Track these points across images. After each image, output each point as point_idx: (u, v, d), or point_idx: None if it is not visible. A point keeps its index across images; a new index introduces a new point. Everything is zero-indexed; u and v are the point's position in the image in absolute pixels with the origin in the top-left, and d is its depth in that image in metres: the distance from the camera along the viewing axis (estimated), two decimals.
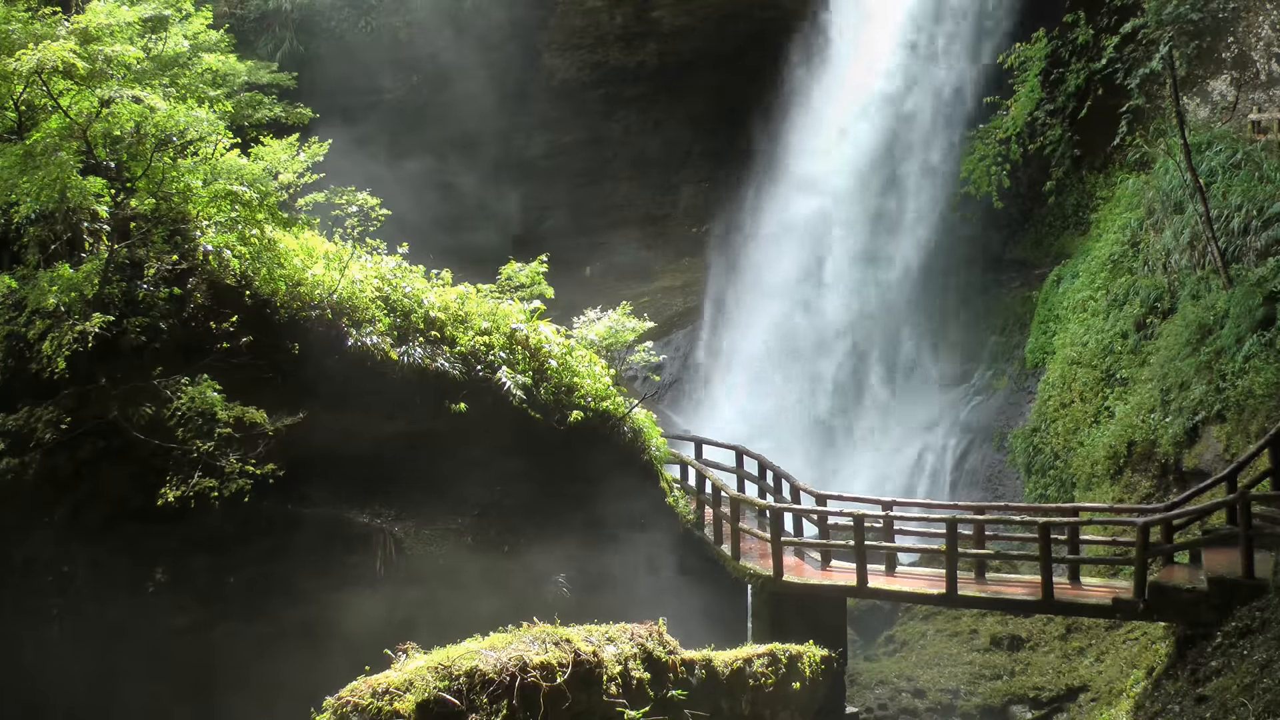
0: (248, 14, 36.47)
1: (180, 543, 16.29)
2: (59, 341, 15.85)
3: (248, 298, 17.35)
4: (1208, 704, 13.88)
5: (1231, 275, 22.55)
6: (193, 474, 15.81)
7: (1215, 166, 25.08)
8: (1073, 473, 25.37)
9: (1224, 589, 15.74)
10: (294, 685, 13.70)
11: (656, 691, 12.57)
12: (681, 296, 38.98)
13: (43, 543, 16.06)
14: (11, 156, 16.24)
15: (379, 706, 9.76)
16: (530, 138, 38.91)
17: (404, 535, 17.72)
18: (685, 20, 37.75)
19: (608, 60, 38.66)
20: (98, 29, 16.85)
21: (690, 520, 21.90)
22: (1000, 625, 23.46)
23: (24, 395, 16.34)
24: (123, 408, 16.11)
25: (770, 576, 19.75)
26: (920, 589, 19.46)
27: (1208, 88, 27.87)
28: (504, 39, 37.93)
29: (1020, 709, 21.58)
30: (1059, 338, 28.47)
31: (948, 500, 26.61)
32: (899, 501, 22.01)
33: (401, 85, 38.08)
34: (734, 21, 37.07)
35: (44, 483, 16.06)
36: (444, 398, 18.32)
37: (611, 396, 20.58)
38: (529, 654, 10.91)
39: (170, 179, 17.00)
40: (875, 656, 24.07)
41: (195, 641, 16.27)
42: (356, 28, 37.49)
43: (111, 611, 16.07)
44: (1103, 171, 30.49)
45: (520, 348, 19.70)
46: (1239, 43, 26.73)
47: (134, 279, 16.85)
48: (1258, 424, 19.47)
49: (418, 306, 18.94)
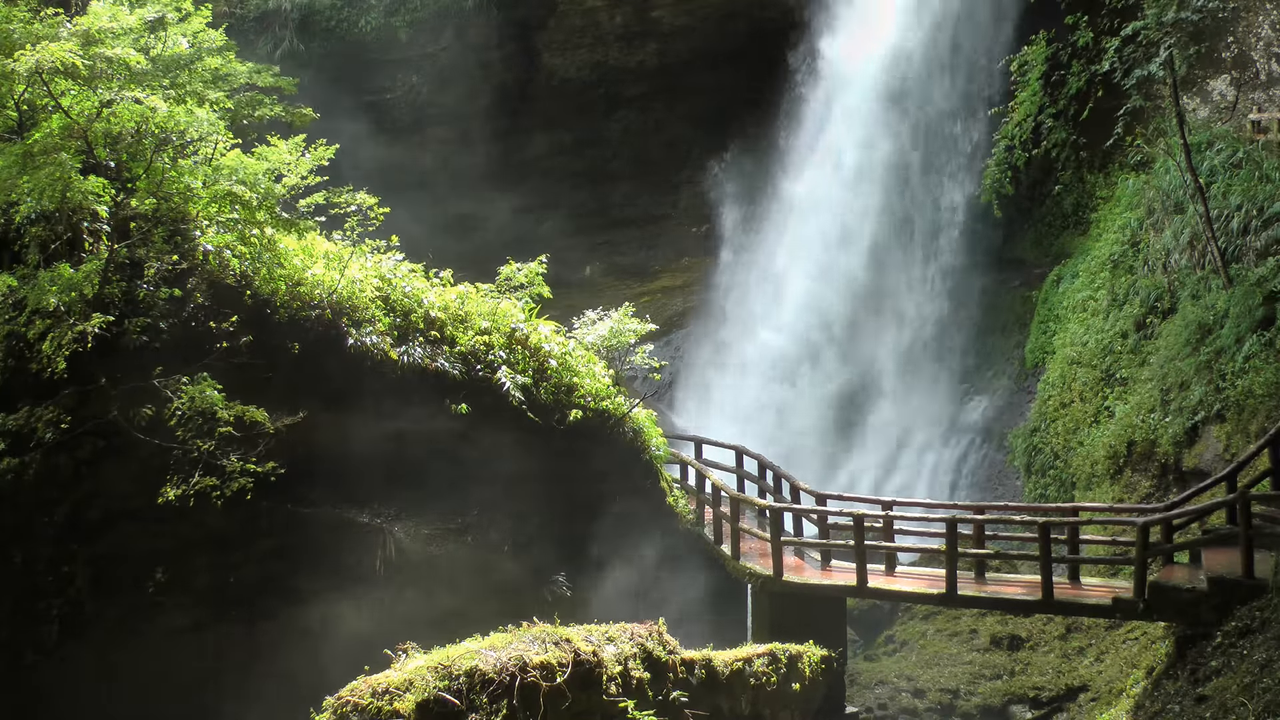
0: (248, 14, 36.48)
1: (180, 543, 16.29)
2: (59, 341, 15.86)
3: (248, 297, 17.35)
4: (1208, 704, 13.88)
5: (1231, 275, 22.55)
6: (193, 474, 15.82)
7: (1215, 166, 25.09)
8: (1072, 472, 25.38)
9: (1224, 589, 15.74)
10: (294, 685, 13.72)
11: (656, 691, 12.58)
12: (681, 296, 38.97)
13: (43, 543, 16.07)
14: (12, 156, 16.25)
15: (379, 706, 9.76)
16: (530, 138, 38.89)
17: (404, 535, 17.72)
18: (685, 20, 37.74)
19: (608, 60, 38.64)
20: (99, 32, 16.85)
21: (690, 520, 21.90)
22: (1000, 625, 23.46)
23: (24, 395, 16.34)
24: (123, 408, 16.11)
25: (770, 576, 19.76)
26: (920, 589, 19.46)
27: (1208, 88, 27.87)
28: (504, 39, 37.93)
29: (1020, 709, 21.58)
30: (1059, 337, 28.47)
31: (948, 500, 26.61)
32: (899, 501, 22.02)
33: (401, 85, 38.08)
34: (734, 21, 37.06)
35: (44, 483, 16.06)
36: (444, 397, 18.33)
37: (611, 396, 20.58)
38: (529, 654, 10.92)
39: (170, 179, 17.00)
40: (875, 656, 24.07)
41: (195, 641, 16.29)
42: (356, 28, 37.49)
43: (111, 611, 16.08)
44: (1103, 171, 30.49)
45: (520, 347, 19.71)
46: (1239, 43, 26.72)
47: (134, 279, 16.87)
48: (1258, 424, 19.47)
49: (417, 306, 18.94)
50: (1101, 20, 27.83)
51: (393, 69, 37.77)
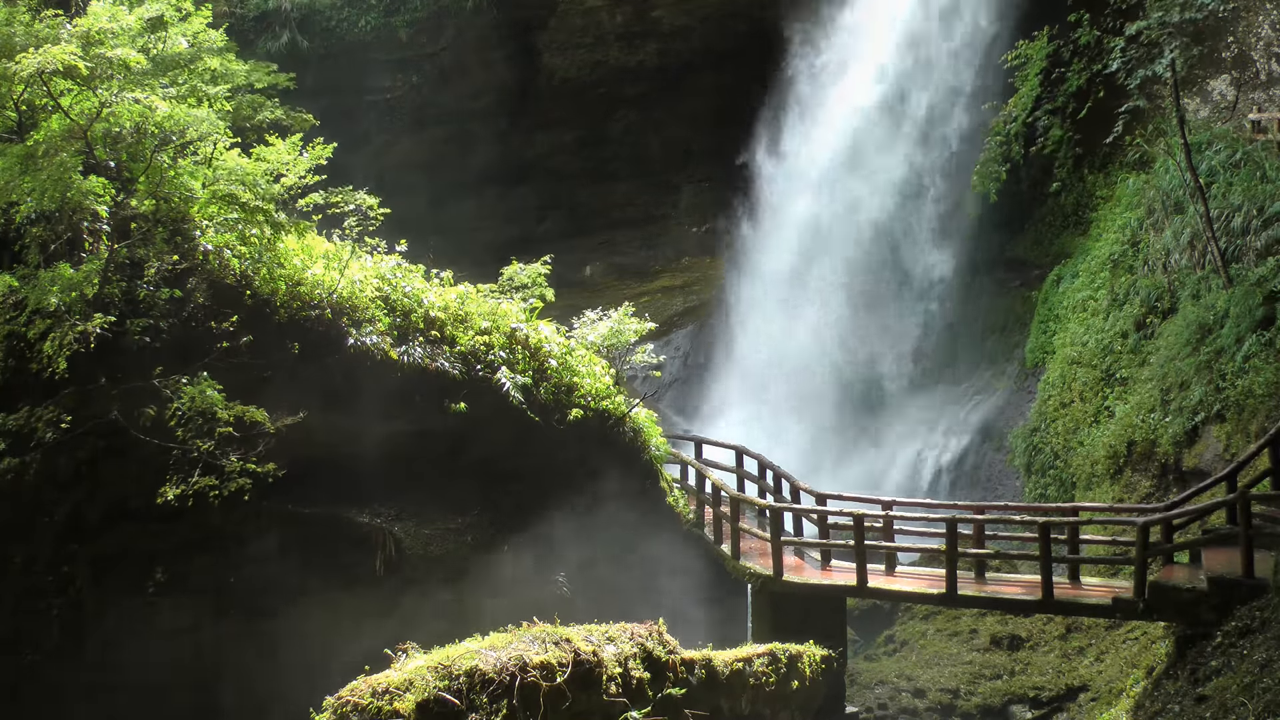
0: (248, 13, 36.45)
1: (180, 543, 16.31)
2: (60, 341, 15.87)
3: (248, 297, 17.36)
4: (1208, 704, 13.87)
5: (1231, 275, 22.54)
6: (193, 474, 15.83)
7: (1215, 166, 25.09)
8: (1073, 472, 25.37)
9: (1224, 588, 15.74)
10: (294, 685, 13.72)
11: (656, 691, 12.57)
12: (681, 296, 38.98)
13: (43, 543, 16.08)
14: (13, 157, 16.27)
15: (379, 706, 9.76)
16: (530, 138, 38.89)
17: (404, 535, 17.73)
18: (685, 20, 37.71)
19: (608, 60, 38.61)
20: (99, 32, 16.85)
21: (690, 520, 21.90)
22: (1000, 625, 23.46)
23: (25, 395, 16.36)
24: (123, 408, 16.13)
25: (770, 576, 19.76)
26: (920, 589, 19.46)
27: (1208, 87, 27.86)
28: (504, 39, 37.92)
29: (1020, 709, 21.57)
30: (1059, 337, 28.47)
31: (948, 500, 26.60)
32: (899, 501, 22.00)
33: (401, 85, 38.08)
34: (734, 21, 37.03)
35: (44, 483, 16.08)
36: (444, 397, 18.33)
37: (611, 396, 20.58)
38: (529, 654, 10.92)
39: (170, 180, 17.01)
40: (875, 656, 24.07)
41: (195, 641, 16.29)
42: (356, 28, 37.48)
43: (111, 611, 16.08)
44: (1103, 171, 30.47)
45: (520, 347, 19.71)
46: (1239, 43, 26.71)
47: (134, 279, 16.88)
48: (1258, 424, 19.47)
49: (418, 306, 18.94)
50: (1104, 19, 27.86)
51: (393, 69, 37.76)
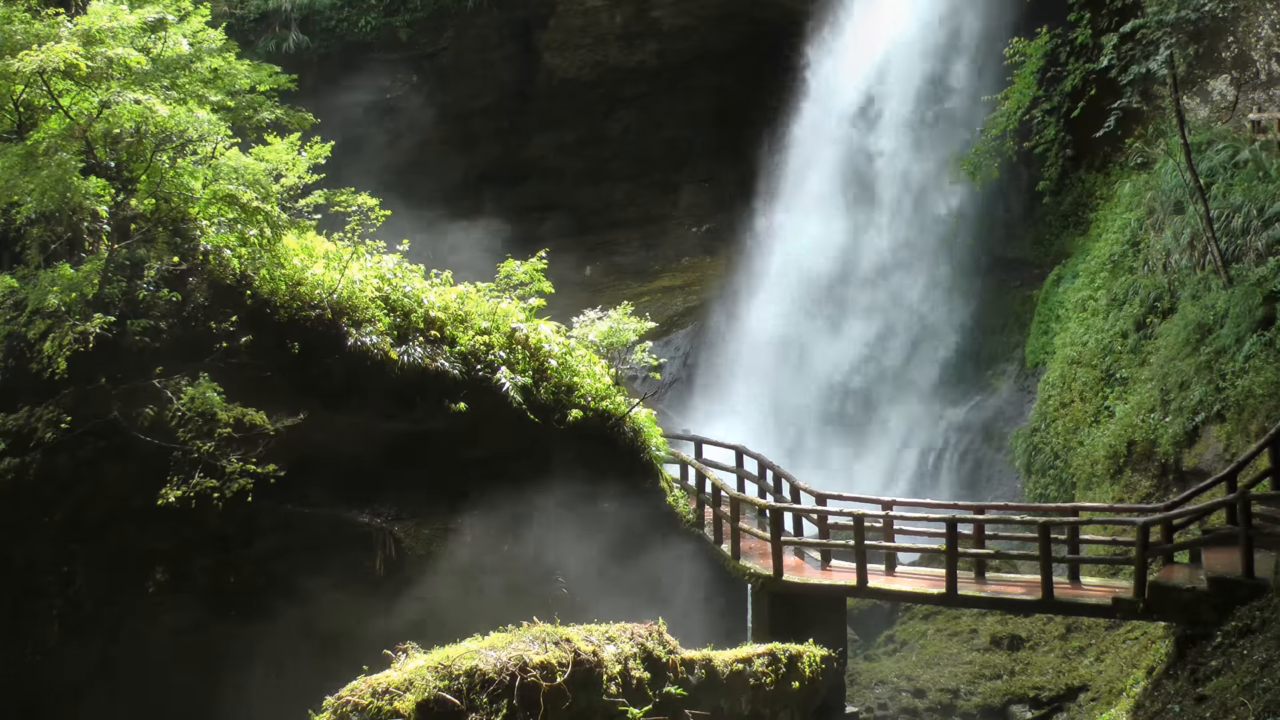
0: (248, 13, 36.46)
1: (180, 543, 16.31)
2: (60, 341, 15.87)
3: (248, 298, 17.35)
4: (1208, 703, 13.87)
5: (1231, 275, 22.55)
6: (193, 474, 15.81)
7: (1215, 166, 25.08)
8: (1073, 472, 25.37)
9: (1224, 588, 15.74)
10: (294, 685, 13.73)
11: (656, 691, 12.58)
12: (681, 296, 38.98)
13: (43, 543, 16.08)
14: (13, 157, 16.25)
15: (379, 706, 9.77)
16: (530, 137, 38.90)
17: (404, 535, 17.73)
18: (685, 20, 37.72)
19: (608, 60, 38.63)
20: (99, 32, 16.84)
21: (690, 520, 21.90)
22: (1000, 625, 23.46)
23: (25, 395, 16.35)
24: (123, 408, 16.13)
25: (770, 576, 19.76)
26: (920, 589, 19.47)
27: (1208, 87, 27.85)
28: (504, 39, 37.93)
29: (1020, 709, 21.57)
30: (1059, 337, 28.46)
31: (948, 500, 26.59)
32: (899, 501, 21.99)
33: (401, 85, 38.08)
34: (734, 21, 37.07)
35: (44, 483, 16.07)
36: (444, 397, 18.32)
37: (611, 396, 20.57)
38: (529, 654, 10.93)
39: (170, 180, 17.00)
40: (875, 656, 24.07)
41: (195, 641, 16.29)
42: (356, 28, 37.49)
43: (111, 611, 16.08)
44: (1102, 171, 30.47)
45: (520, 347, 19.70)
46: (1239, 43, 26.72)
47: (134, 279, 16.88)
48: (1258, 424, 19.48)
49: (417, 306, 18.93)
50: (1102, 19, 27.90)
51: (393, 69, 37.76)
